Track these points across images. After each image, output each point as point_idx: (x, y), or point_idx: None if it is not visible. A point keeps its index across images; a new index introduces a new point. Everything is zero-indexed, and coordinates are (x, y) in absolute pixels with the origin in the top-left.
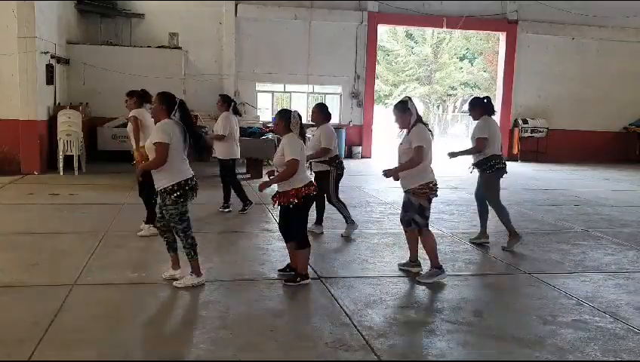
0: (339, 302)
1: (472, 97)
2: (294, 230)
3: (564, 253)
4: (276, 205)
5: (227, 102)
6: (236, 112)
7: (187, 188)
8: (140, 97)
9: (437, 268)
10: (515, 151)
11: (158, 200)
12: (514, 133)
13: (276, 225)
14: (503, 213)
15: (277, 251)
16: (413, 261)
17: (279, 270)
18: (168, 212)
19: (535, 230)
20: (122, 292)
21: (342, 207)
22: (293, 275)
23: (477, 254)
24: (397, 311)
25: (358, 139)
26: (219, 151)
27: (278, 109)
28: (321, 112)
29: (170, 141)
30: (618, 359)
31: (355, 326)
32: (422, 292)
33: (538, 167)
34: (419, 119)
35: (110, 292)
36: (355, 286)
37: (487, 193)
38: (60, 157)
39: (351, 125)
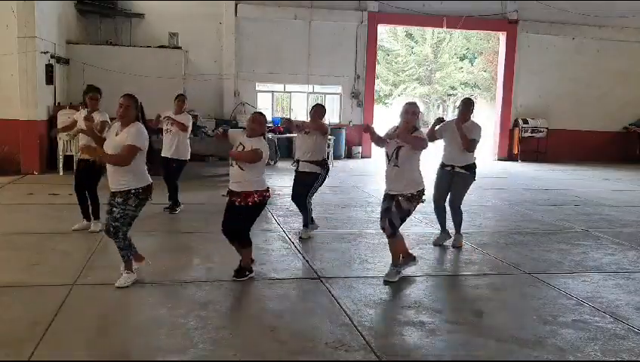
0: (339, 302)
1: (468, 98)
2: None
3: (564, 253)
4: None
5: None
6: None
7: (149, 193)
8: None
9: (398, 266)
10: (515, 151)
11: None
12: (514, 133)
13: (276, 225)
14: (460, 215)
15: (277, 251)
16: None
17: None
18: (125, 212)
19: (535, 230)
20: (122, 292)
21: (309, 211)
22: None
23: (477, 254)
24: (397, 311)
25: (358, 139)
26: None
27: (254, 111)
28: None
29: (144, 147)
30: (618, 359)
31: (355, 326)
32: (422, 292)
33: (538, 167)
34: None
35: (110, 292)
36: (355, 286)
37: (462, 196)
38: (60, 157)
39: (351, 125)
